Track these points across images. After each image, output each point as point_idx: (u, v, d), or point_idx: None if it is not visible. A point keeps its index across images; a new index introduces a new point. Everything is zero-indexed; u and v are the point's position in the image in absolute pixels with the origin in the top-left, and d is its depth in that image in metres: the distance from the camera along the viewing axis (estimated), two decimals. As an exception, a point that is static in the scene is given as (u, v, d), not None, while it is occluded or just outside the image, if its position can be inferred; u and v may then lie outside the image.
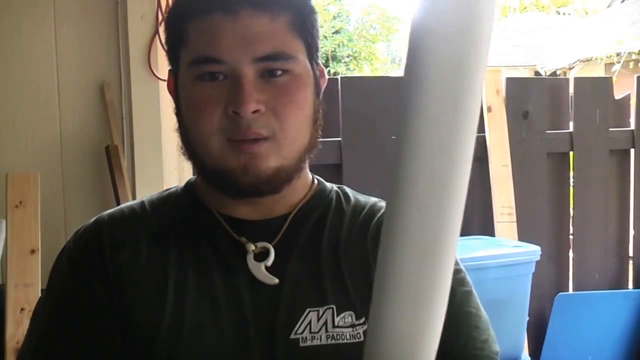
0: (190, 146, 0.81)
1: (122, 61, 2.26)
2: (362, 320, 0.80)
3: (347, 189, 0.93)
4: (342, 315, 0.80)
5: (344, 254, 0.84)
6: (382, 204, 0.91)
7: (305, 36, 0.80)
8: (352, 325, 0.80)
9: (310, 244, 0.84)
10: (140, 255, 0.82)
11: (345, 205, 0.89)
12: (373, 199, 0.92)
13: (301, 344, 0.78)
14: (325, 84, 0.87)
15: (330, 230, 0.86)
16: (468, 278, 0.86)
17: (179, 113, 0.83)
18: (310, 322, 0.79)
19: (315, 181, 0.91)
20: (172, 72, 0.85)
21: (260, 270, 0.81)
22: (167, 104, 2.15)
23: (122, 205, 0.89)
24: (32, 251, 2.04)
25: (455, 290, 0.82)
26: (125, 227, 0.85)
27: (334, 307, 0.80)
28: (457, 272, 0.83)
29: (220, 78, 0.76)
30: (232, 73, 0.75)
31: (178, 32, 0.80)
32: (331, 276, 0.82)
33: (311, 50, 0.82)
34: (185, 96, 0.80)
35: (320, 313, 0.80)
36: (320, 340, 0.79)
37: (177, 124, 0.83)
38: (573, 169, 3.01)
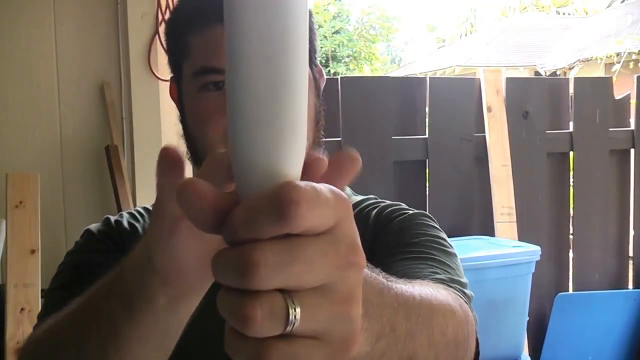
0: (197, 154, 0.83)
1: (122, 61, 2.27)
2: None
3: (347, 189, 0.94)
4: None
5: None
6: (372, 201, 0.92)
7: None
8: None
9: None
10: None
11: None
12: (363, 197, 0.93)
13: None
14: (325, 84, 0.88)
15: None
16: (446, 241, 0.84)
17: (183, 121, 0.85)
18: None
19: None
20: (173, 79, 0.86)
21: None
22: (167, 104, 2.15)
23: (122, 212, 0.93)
24: (32, 251, 2.04)
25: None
26: (131, 223, 0.89)
27: None
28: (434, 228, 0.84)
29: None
30: None
31: (179, 44, 0.82)
32: None
33: (310, 53, 0.82)
34: (190, 106, 0.82)
35: None
36: None
37: (181, 131, 0.85)
38: (573, 169, 3.01)
